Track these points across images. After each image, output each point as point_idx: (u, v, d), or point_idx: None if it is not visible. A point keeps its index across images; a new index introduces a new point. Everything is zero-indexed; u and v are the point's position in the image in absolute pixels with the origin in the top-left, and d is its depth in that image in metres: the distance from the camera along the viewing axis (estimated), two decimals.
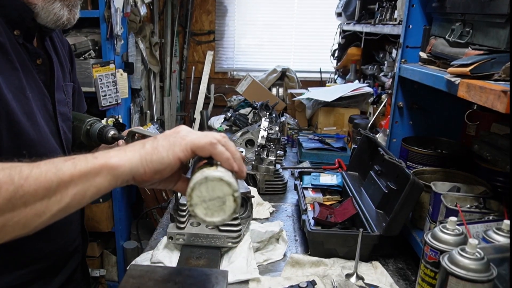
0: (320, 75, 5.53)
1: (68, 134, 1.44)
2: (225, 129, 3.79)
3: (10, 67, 1.14)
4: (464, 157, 1.81)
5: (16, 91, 1.14)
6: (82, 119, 1.53)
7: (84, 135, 1.52)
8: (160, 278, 1.36)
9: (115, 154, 0.84)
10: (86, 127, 1.52)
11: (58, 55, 1.47)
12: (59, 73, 1.42)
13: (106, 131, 1.49)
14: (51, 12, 1.20)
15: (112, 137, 1.49)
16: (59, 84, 1.40)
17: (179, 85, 5.82)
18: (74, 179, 0.79)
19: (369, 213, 1.79)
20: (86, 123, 1.52)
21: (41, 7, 1.18)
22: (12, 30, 1.18)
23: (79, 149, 1.53)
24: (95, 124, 1.53)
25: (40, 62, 1.30)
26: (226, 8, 5.75)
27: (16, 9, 1.16)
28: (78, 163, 0.81)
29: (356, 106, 3.46)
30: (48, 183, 0.77)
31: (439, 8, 1.71)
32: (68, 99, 1.46)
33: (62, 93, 1.43)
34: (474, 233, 1.33)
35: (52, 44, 1.45)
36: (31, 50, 1.26)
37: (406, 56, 1.94)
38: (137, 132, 1.42)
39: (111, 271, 4.21)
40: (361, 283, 1.51)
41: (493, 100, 1.06)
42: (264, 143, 2.31)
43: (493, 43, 1.33)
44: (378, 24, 3.15)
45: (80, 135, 1.51)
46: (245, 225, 1.72)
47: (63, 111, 1.39)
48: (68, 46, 1.62)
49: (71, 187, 0.79)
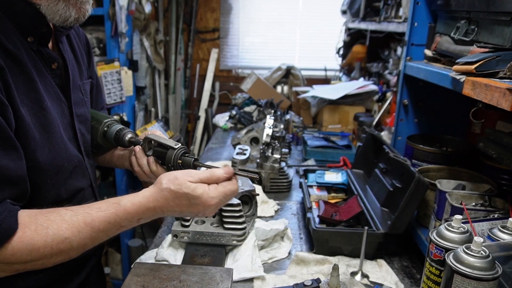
0: (325, 73, 5.53)
1: (87, 136, 1.42)
2: (230, 127, 3.80)
3: (26, 79, 1.11)
4: (469, 155, 1.81)
5: (32, 104, 1.12)
6: (100, 120, 1.49)
7: (101, 136, 1.49)
8: (165, 276, 1.36)
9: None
10: (103, 129, 1.48)
11: (75, 52, 1.42)
12: (75, 73, 1.38)
13: (123, 135, 1.47)
14: (56, 13, 1.15)
15: (129, 141, 1.47)
16: (75, 84, 1.36)
17: (183, 82, 5.82)
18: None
19: (374, 211, 1.79)
20: (104, 124, 1.48)
21: (45, 8, 1.13)
22: (26, 37, 1.14)
23: (96, 150, 1.52)
24: (112, 125, 1.49)
25: (55, 67, 1.26)
26: (230, 5, 5.75)
27: (29, 15, 1.12)
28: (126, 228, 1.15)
29: (361, 104, 3.45)
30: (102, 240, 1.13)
31: (444, 6, 1.70)
32: (86, 98, 1.42)
33: (80, 93, 1.39)
34: (479, 231, 1.33)
35: (69, 41, 1.41)
36: (46, 56, 1.22)
37: (411, 54, 1.93)
38: (153, 139, 1.41)
39: (116, 269, 4.22)
40: (366, 281, 1.51)
41: (498, 98, 1.06)
42: (269, 141, 2.31)
43: (498, 41, 1.32)
44: (383, 22, 3.14)
45: (97, 136, 1.48)
46: (250, 223, 1.72)
47: (80, 112, 1.36)
48: (85, 39, 1.56)
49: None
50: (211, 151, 3.13)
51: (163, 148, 1.37)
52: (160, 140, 1.38)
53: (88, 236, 1.07)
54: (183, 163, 1.33)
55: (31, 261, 1.02)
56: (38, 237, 1.01)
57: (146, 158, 1.41)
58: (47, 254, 1.03)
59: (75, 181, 1.28)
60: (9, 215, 0.99)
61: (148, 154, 1.41)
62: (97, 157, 1.63)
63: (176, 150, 1.33)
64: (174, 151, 1.33)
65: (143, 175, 1.43)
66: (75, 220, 1.06)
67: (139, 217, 1.15)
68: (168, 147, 1.35)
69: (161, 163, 1.39)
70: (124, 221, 1.12)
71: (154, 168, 1.39)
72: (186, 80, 5.84)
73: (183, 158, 1.33)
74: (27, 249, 1.00)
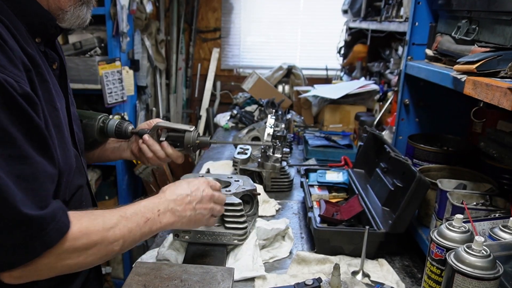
0: (326, 72, 5.52)
1: (80, 134, 1.43)
2: (231, 126, 3.80)
3: (41, 80, 1.12)
4: (470, 154, 1.81)
5: (48, 105, 1.13)
6: (92, 117, 1.54)
7: (98, 132, 1.55)
8: (166, 276, 1.37)
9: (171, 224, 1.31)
10: (99, 124, 1.55)
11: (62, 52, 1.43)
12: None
13: (125, 127, 1.57)
14: (79, 17, 1.21)
15: (131, 132, 1.58)
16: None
17: (185, 82, 5.83)
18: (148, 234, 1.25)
19: (375, 210, 1.79)
20: (98, 120, 1.55)
21: (71, 13, 1.19)
22: (34, 38, 1.15)
23: (91, 148, 1.59)
24: (107, 120, 1.56)
25: (55, 67, 1.27)
26: (232, 5, 5.75)
27: (38, 16, 1.14)
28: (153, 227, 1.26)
29: (362, 104, 3.45)
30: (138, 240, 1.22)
31: (445, 5, 1.70)
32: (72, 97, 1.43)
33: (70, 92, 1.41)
34: (480, 230, 1.33)
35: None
36: (50, 56, 1.24)
37: (412, 53, 1.93)
38: (163, 126, 1.54)
39: (117, 269, 4.22)
40: (367, 281, 1.51)
41: (499, 98, 1.06)
42: (270, 141, 2.31)
43: (499, 40, 1.32)
44: (384, 21, 3.14)
45: (94, 132, 1.54)
46: (251, 223, 1.72)
47: (73, 110, 1.38)
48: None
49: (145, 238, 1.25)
50: (212, 151, 3.13)
51: (178, 132, 1.53)
52: (172, 126, 1.53)
53: (127, 228, 1.18)
54: (200, 142, 1.52)
55: (86, 248, 1.09)
56: (92, 225, 1.10)
57: (159, 144, 1.53)
58: (99, 242, 1.11)
59: (75, 180, 1.29)
60: (64, 212, 1.06)
61: (161, 140, 1.53)
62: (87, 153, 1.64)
63: (193, 132, 1.52)
64: (191, 133, 1.51)
65: (156, 160, 1.56)
66: (113, 214, 1.17)
67: (158, 207, 1.28)
68: (183, 131, 1.52)
69: (176, 146, 1.54)
70: (147, 211, 1.25)
71: (170, 151, 1.54)
72: (187, 79, 5.85)
73: (200, 138, 1.52)
74: (85, 236, 1.08)
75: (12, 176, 0.93)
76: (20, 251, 0.97)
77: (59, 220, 1.02)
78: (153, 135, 1.53)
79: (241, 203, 1.66)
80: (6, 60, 0.97)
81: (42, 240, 0.99)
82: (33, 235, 0.97)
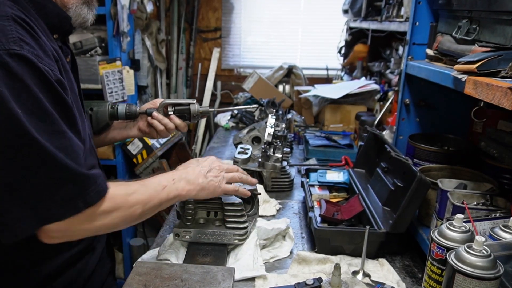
0: (326, 72, 5.52)
1: (89, 123, 1.61)
2: (231, 126, 3.80)
3: (64, 70, 1.27)
4: (471, 154, 1.81)
5: (71, 93, 1.26)
6: (100, 104, 1.76)
7: (110, 116, 1.76)
8: (167, 275, 1.37)
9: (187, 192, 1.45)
10: (109, 110, 1.76)
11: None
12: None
13: (134, 109, 1.80)
14: (80, 15, 1.35)
15: (140, 112, 1.80)
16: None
17: (185, 82, 5.82)
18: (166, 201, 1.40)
19: (375, 210, 1.79)
20: (108, 106, 1.76)
21: (73, 11, 1.33)
22: (52, 35, 1.30)
23: (103, 130, 1.82)
24: (115, 105, 1.78)
25: (68, 60, 1.39)
26: (232, 5, 5.75)
27: (57, 16, 1.29)
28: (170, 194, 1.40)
29: (362, 103, 3.45)
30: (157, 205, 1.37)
31: (446, 5, 1.70)
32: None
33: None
34: (481, 230, 1.33)
35: None
36: (64, 50, 1.37)
37: (412, 53, 1.93)
38: (169, 103, 1.78)
39: (118, 268, 4.21)
40: (368, 281, 1.51)
41: (500, 97, 1.06)
42: (271, 140, 2.31)
43: (500, 40, 1.32)
44: (385, 21, 3.14)
45: (105, 117, 1.76)
46: (251, 222, 1.72)
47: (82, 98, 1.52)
48: None
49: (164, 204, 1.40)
50: (213, 150, 3.13)
51: (184, 106, 1.78)
52: (177, 101, 1.80)
53: (146, 193, 1.33)
54: (203, 111, 1.80)
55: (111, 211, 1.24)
56: (115, 191, 1.27)
57: (168, 117, 1.77)
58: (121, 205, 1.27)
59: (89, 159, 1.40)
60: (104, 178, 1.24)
61: (169, 113, 1.78)
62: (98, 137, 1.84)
63: (195, 104, 1.78)
64: (195, 105, 1.78)
65: (165, 132, 1.79)
66: (133, 183, 1.35)
67: (172, 177, 1.43)
68: (188, 104, 1.78)
69: (183, 117, 1.79)
70: (164, 180, 1.40)
71: (178, 121, 1.78)
72: (187, 79, 5.85)
73: (202, 107, 1.79)
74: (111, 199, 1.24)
75: (55, 148, 1.09)
76: (66, 205, 1.13)
77: (100, 183, 1.20)
78: (161, 111, 1.78)
79: (241, 203, 1.66)
80: (42, 52, 1.13)
81: (84, 198, 1.15)
82: (78, 192, 1.14)
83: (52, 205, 1.11)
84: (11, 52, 1.05)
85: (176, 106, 1.79)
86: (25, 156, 1.07)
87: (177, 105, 1.79)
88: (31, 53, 1.09)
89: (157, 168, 4.16)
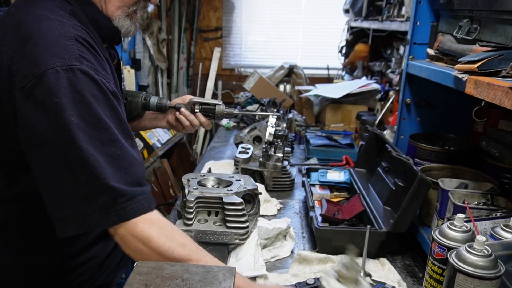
0: (327, 71, 5.53)
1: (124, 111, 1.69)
2: (232, 125, 3.80)
3: (113, 78, 1.35)
4: (472, 153, 1.81)
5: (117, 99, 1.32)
6: (135, 95, 1.84)
7: (142, 107, 1.85)
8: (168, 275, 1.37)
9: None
10: (142, 101, 1.84)
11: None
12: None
13: (165, 102, 1.87)
14: (123, 27, 1.42)
15: (169, 106, 1.87)
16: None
17: (186, 81, 5.83)
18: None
19: (376, 210, 1.79)
20: (141, 97, 1.84)
21: (117, 22, 1.40)
22: (103, 44, 1.40)
23: (135, 119, 1.90)
24: (148, 97, 1.86)
25: (115, 63, 1.50)
26: (233, 4, 5.75)
27: (109, 29, 1.39)
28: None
29: (363, 103, 3.45)
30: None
31: (447, 5, 1.70)
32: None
33: None
34: (482, 230, 1.33)
35: None
36: (112, 55, 1.48)
37: (413, 53, 1.93)
38: (196, 101, 1.84)
39: None
40: (369, 280, 1.51)
41: (501, 97, 1.06)
42: (272, 140, 2.31)
43: (500, 40, 1.32)
44: (386, 21, 3.14)
45: (138, 108, 1.84)
46: (252, 222, 1.72)
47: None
48: None
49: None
50: (214, 150, 3.13)
51: (210, 106, 1.84)
52: (205, 101, 1.86)
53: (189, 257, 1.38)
54: (228, 113, 1.86)
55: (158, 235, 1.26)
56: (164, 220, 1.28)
57: (194, 114, 1.83)
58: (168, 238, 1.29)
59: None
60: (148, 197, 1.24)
61: (196, 111, 1.84)
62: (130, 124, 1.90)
63: (222, 105, 1.85)
64: (221, 106, 1.84)
65: (190, 128, 1.86)
66: (191, 243, 1.39)
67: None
68: (214, 104, 1.84)
69: (207, 116, 1.85)
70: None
71: (203, 119, 1.84)
72: (188, 79, 5.85)
73: (227, 109, 1.86)
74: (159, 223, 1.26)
75: (106, 155, 1.15)
76: (98, 217, 1.17)
77: (140, 201, 1.20)
78: (188, 108, 1.85)
79: (242, 203, 1.66)
80: (99, 66, 1.22)
81: (118, 212, 1.17)
82: (111, 205, 1.16)
83: (90, 213, 1.16)
84: (73, 68, 1.14)
85: (203, 105, 1.86)
86: (67, 160, 1.13)
87: (204, 104, 1.86)
88: (89, 68, 1.17)
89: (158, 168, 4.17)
